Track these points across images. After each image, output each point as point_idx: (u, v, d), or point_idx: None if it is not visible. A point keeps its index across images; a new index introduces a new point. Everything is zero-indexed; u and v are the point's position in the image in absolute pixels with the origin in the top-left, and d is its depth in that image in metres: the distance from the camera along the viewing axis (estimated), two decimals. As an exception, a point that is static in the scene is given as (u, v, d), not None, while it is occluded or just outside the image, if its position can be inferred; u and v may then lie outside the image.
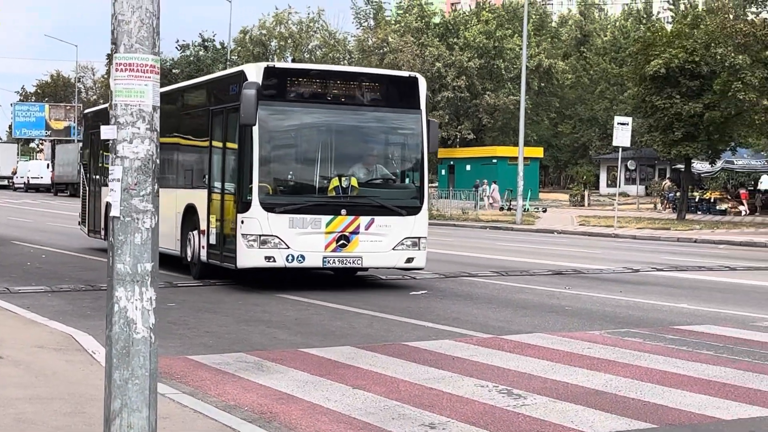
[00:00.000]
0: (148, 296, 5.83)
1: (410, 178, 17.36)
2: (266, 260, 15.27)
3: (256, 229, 15.11)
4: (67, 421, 7.08)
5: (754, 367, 9.99)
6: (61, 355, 9.70)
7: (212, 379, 9.18)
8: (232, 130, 16.10)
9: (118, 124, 5.75)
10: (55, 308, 13.33)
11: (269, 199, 15.48)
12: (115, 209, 5.79)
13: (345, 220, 15.62)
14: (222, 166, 16.70)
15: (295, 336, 11.72)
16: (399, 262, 16.23)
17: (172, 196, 18.20)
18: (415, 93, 16.64)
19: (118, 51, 5.77)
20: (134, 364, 5.80)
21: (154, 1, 5.80)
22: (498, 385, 8.99)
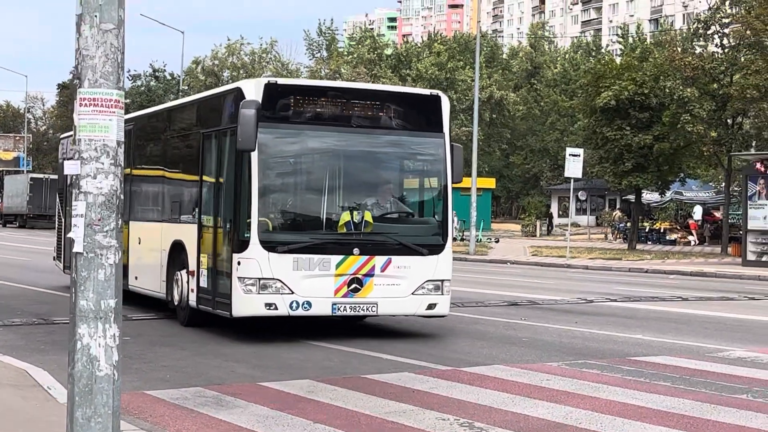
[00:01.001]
0: (112, 333, 5.79)
1: (432, 211, 14.59)
2: (267, 308, 12.94)
3: (254, 271, 12.79)
4: (25, 459, 6.96)
5: (711, 398, 10.04)
6: (16, 390, 9.54)
7: (171, 414, 9.07)
8: (228, 157, 13.78)
9: (82, 159, 5.72)
10: (7, 342, 13.14)
11: (270, 236, 13.07)
12: (78, 245, 5.74)
13: (358, 260, 13.23)
14: (214, 198, 14.35)
15: (252, 369, 11.63)
16: (419, 308, 13.72)
17: (157, 231, 16.76)
18: (437, 113, 14.16)
19: (82, 86, 5.74)
20: (97, 402, 5.74)
21: (118, 36, 5.78)
22: (459, 418, 8.96)
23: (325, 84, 14.65)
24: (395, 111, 13.97)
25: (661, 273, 32.52)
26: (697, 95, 41.61)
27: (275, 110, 13.04)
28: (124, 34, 5.79)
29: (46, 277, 25.15)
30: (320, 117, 13.63)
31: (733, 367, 12.06)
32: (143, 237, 17.39)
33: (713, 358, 12.72)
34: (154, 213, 17.37)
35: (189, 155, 15.91)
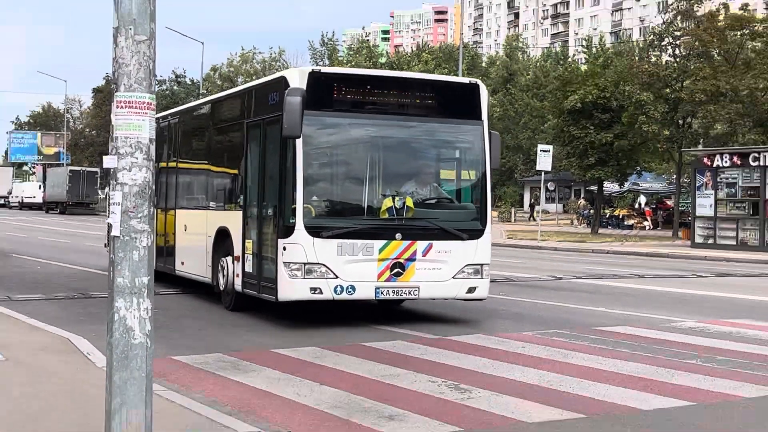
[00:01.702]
0: (145, 306, 5.78)
1: (472, 197, 13.20)
2: (312, 292, 11.67)
3: (300, 256, 11.52)
4: (69, 415, 6.97)
5: (667, 363, 10.06)
6: (60, 356, 9.54)
7: (194, 377, 9.08)
8: (271, 145, 12.45)
9: (119, 155, 5.69)
10: (51, 314, 13.11)
11: (315, 222, 11.73)
12: (115, 229, 5.72)
13: (400, 245, 11.95)
14: (259, 186, 12.86)
15: (266, 338, 11.62)
16: (460, 292, 12.44)
17: (202, 219, 15.34)
18: (476, 101, 12.82)
19: (118, 90, 5.70)
20: (132, 366, 5.73)
21: (150, 47, 5.74)
22: (446, 380, 8.96)
23: (367, 72, 13.09)
24: (435, 99, 12.73)
25: (620, 254, 32.49)
26: (652, 99, 41.92)
27: (319, 98, 11.69)
28: (155, 44, 5.76)
29: (84, 257, 25.13)
30: (362, 105, 12.37)
31: (684, 335, 12.07)
32: (189, 224, 16.25)
33: (667, 328, 12.72)
34: (200, 201, 16.05)
35: (233, 145, 14.55)
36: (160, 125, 18.39)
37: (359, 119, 12.34)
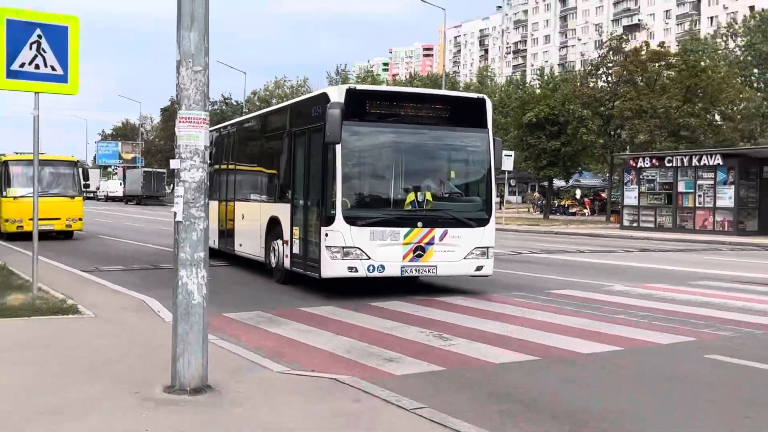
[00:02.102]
0: (202, 275, 5.80)
1: (479, 192, 12.63)
2: (349, 271, 11.23)
3: (339, 241, 11.11)
4: (143, 358, 6.97)
5: (602, 318, 10.04)
6: (137, 314, 9.54)
7: (240, 329, 9.08)
8: (315, 149, 11.93)
9: (181, 158, 5.69)
10: (130, 281, 13.10)
11: (351, 212, 11.23)
12: (179, 216, 5.72)
13: (421, 231, 11.46)
14: (304, 182, 12.38)
15: (294, 300, 11.59)
16: (470, 270, 11.97)
17: (257, 209, 14.82)
18: (482, 113, 12.35)
19: (180, 108, 5.70)
20: (192, 320, 5.75)
21: (205, 75, 5.74)
22: (433, 331, 8.96)
23: (395, 89, 12.48)
24: (449, 111, 12.22)
25: (566, 234, 32.41)
26: (590, 115, 42.00)
27: (354, 111, 11.20)
28: (209, 73, 5.75)
29: (154, 237, 25.10)
30: (390, 116, 11.81)
31: (614, 296, 12.04)
32: (245, 213, 15.76)
33: (602, 291, 12.69)
34: (254, 194, 15.47)
35: (280, 149, 13.87)
36: (222, 134, 18.16)
37: (387, 127, 11.82)
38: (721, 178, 29.91)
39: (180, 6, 5.70)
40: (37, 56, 9.75)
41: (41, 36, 9.75)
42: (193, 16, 5.68)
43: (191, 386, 5.73)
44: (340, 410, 5.40)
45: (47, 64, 9.80)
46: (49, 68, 9.82)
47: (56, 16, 9.93)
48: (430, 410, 5.46)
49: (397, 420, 5.22)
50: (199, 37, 5.69)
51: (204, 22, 5.72)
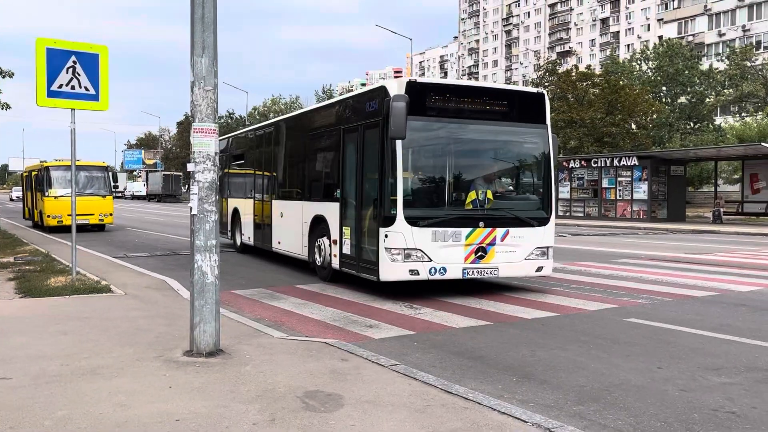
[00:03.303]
0: (214, 259, 5.74)
1: (539, 190, 10.33)
2: (410, 273, 9.07)
3: (400, 242, 9.02)
4: (166, 328, 6.92)
5: (542, 289, 10.13)
6: (159, 292, 9.47)
7: (246, 303, 9.04)
8: (369, 146, 9.70)
9: (195, 162, 5.64)
10: (153, 265, 12.99)
11: (412, 212, 9.09)
12: (194, 210, 5.68)
13: (483, 232, 9.41)
14: (356, 181, 10.03)
15: (291, 278, 11.56)
16: (530, 271, 9.85)
17: (298, 208, 12.37)
18: (542, 108, 10.21)
19: (194, 121, 5.65)
20: (207, 297, 5.71)
21: (214, 93, 5.69)
22: (405, 302, 8.99)
23: (456, 83, 10.37)
24: (509, 106, 10.00)
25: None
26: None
27: (414, 105, 9.03)
28: (218, 92, 5.71)
29: (173, 229, 24.87)
30: (450, 111, 9.55)
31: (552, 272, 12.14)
32: (285, 212, 13.22)
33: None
34: (295, 194, 12.90)
35: (328, 146, 11.35)
36: (259, 134, 15.52)
37: (447, 122, 9.57)
38: (636, 176, 30.32)
39: (193, 36, 5.65)
40: (73, 79, 9.67)
41: (76, 62, 9.67)
42: (204, 45, 5.64)
43: (206, 350, 5.71)
44: (330, 367, 5.41)
45: (81, 85, 9.72)
46: (83, 89, 9.73)
47: (89, 46, 9.81)
48: (404, 366, 5.49)
49: (376, 374, 5.24)
50: (209, 62, 5.65)
51: (213, 49, 5.67)
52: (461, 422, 4.18)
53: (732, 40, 62.47)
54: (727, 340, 6.82)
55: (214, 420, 4.20)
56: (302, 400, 4.57)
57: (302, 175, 12.69)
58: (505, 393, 5.08)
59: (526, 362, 5.99)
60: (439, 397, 4.66)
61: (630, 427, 4.39)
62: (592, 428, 4.34)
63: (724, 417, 4.60)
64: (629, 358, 6.09)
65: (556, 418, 4.45)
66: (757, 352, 6.34)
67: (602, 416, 4.59)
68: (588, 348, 6.49)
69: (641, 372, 5.66)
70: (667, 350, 6.42)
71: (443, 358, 6.14)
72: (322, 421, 4.18)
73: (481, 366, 5.87)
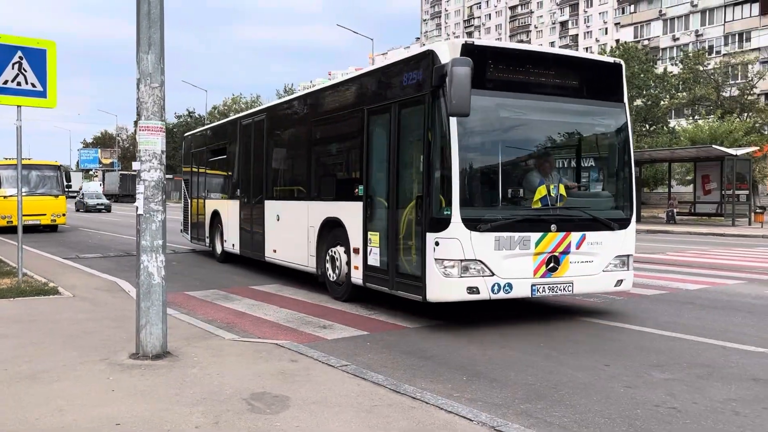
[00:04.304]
0: (161, 259, 5.65)
1: (618, 183, 8.24)
2: (468, 292, 7.05)
3: (455, 252, 6.97)
4: (113, 331, 6.78)
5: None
6: (110, 293, 9.28)
7: (199, 305, 8.92)
8: (409, 129, 7.59)
9: (141, 161, 5.54)
10: (106, 266, 12.74)
11: (472, 213, 7.05)
12: (140, 210, 5.58)
13: (555, 237, 7.44)
14: (389, 174, 7.82)
15: (246, 279, 11.46)
16: (608, 285, 7.88)
17: (301, 210, 10.16)
18: (619, 83, 8.14)
19: (140, 118, 5.55)
20: (153, 298, 5.60)
21: (161, 90, 5.59)
22: (360, 304, 8.95)
23: (522, 47, 7.94)
24: (584, 78, 7.88)
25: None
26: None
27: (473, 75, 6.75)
28: (165, 89, 5.61)
29: (128, 230, 24.42)
30: (516, 83, 7.41)
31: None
32: (283, 214, 10.95)
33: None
34: (296, 192, 10.65)
35: (345, 133, 9.20)
36: (243, 124, 13.03)
37: (513, 99, 7.43)
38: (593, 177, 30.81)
39: (139, 32, 5.54)
40: (19, 75, 9.42)
41: (22, 57, 9.42)
42: (150, 41, 5.53)
43: (153, 353, 5.60)
44: (279, 368, 5.36)
45: (28, 81, 9.47)
46: (30, 85, 9.49)
47: (35, 41, 9.56)
48: (354, 366, 5.47)
49: (326, 375, 5.21)
50: (156, 58, 5.54)
51: (160, 46, 5.57)
52: (407, 422, 4.18)
53: (686, 45, 64.14)
54: (672, 337, 6.97)
55: (156, 423, 4.11)
56: (248, 402, 4.51)
57: (307, 170, 10.28)
58: (454, 392, 5.10)
59: (477, 361, 6.02)
60: (387, 397, 4.66)
61: (575, 424, 4.45)
62: (538, 426, 4.39)
63: (666, 412, 4.70)
64: (578, 356, 6.18)
65: (503, 417, 4.49)
66: (700, 349, 6.49)
67: (548, 414, 4.64)
68: (538, 346, 6.56)
69: (588, 369, 5.74)
70: (615, 348, 6.53)
71: (395, 358, 6.13)
72: (267, 423, 4.14)
73: (432, 365, 5.88)
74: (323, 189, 9.79)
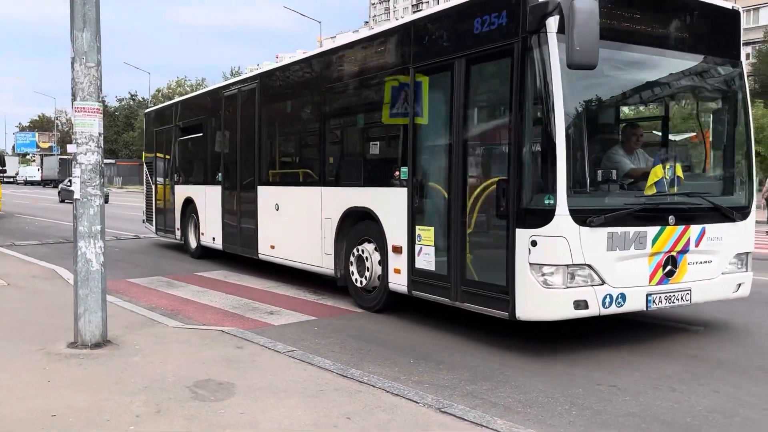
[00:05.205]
0: (99, 245, 5.50)
1: (736, 162, 6.46)
2: (575, 307, 5.34)
3: (561, 254, 5.25)
4: (51, 319, 6.57)
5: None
6: (48, 281, 8.98)
7: (141, 292, 8.72)
8: (481, 92, 6.06)
9: (77, 143, 5.35)
10: (44, 254, 12.31)
11: (581, 203, 5.36)
12: (77, 194, 5.41)
13: (674, 232, 5.79)
14: (454, 152, 6.03)
15: (193, 266, 11.25)
16: (727, 291, 6.25)
17: (313, 198, 8.30)
18: (736, 36, 6.37)
19: (76, 99, 5.36)
20: (92, 285, 5.46)
21: (98, 71, 5.41)
22: (309, 289, 8.92)
23: None
24: (700, 29, 6.12)
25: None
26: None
27: None
28: (101, 69, 5.41)
29: (68, 215, 23.62)
30: (629, 32, 5.64)
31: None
32: (284, 203, 9.04)
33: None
34: (303, 177, 8.74)
35: (379, 102, 7.22)
36: (226, 95, 10.82)
37: (623, 51, 5.67)
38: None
39: (73, 9, 5.33)
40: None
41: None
42: (85, 19, 5.32)
43: (92, 342, 5.45)
44: (224, 355, 5.29)
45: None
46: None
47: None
48: (301, 352, 5.44)
49: (272, 361, 5.16)
50: (91, 36, 5.34)
51: (96, 23, 5.37)
52: (353, 405, 4.18)
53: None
54: (617, 317, 7.17)
55: (94, 414, 4.01)
56: (192, 390, 4.44)
57: (319, 150, 8.41)
58: (401, 375, 5.13)
59: (424, 344, 6.07)
60: (334, 382, 4.65)
61: (518, 404, 4.54)
62: (483, 407, 4.45)
63: (606, 390, 4.83)
64: (526, 337, 6.28)
65: (449, 398, 4.53)
66: (635, 326, 6.69)
67: (494, 395, 4.72)
68: (485, 328, 6.64)
69: (534, 349, 5.85)
70: (562, 327, 6.67)
71: (343, 342, 6.13)
72: (210, 410, 4.08)
73: (380, 349, 5.90)
74: (344, 172, 7.91)
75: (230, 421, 3.91)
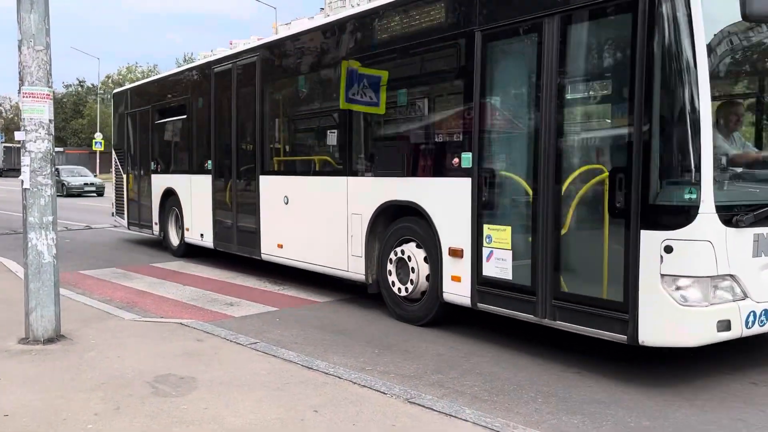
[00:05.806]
0: (51, 236, 5.30)
1: None
2: (719, 329, 4.13)
3: (705, 263, 4.06)
4: (2, 314, 6.31)
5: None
6: (-5, 274, 8.65)
7: (95, 284, 8.47)
8: (583, 59, 4.64)
9: (26, 131, 5.14)
10: (-11, 246, 11.89)
11: (726, 198, 4.13)
12: (26, 183, 5.20)
13: None
14: (544, 133, 4.76)
15: (148, 257, 10.97)
16: None
17: (336, 190, 7.07)
18: None
19: (24, 85, 5.14)
20: (44, 278, 5.26)
21: (47, 54, 5.18)
22: (269, 279, 8.81)
23: None
24: None
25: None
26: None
27: None
28: (51, 52, 5.18)
29: (14, 206, 22.88)
30: None
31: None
32: (296, 196, 7.81)
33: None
34: (321, 165, 7.50)
35: (428, 74, 6.08)
36: (218, 71, 9.51)
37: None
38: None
39: (19, -12, 5.08)
40: None
41: None
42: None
43: (45, 337, 5.26)
44: (184, 349, 5.16)
45: None
46: None
47: None
48: (264, 344, 5.35)
49: (234, 354, 5.06)
50: (39, 18, 5.10)
51: (44, 4, 5.13)
52: (320, 398, 4.12)
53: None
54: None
55: (50, 413, 3.85)
56: (152, 385, 4.31)
57: (343, 133, 7.02)
58: (367, 365, 5.09)
59: (389, 334, 6.04)
60: (299, 374, 4.58)
61: (485, 393, 4.54)
62: (450, 396, 4.44)
63: (572, 376, 4.88)
64: (492, 327, 6.31)
65: (416, 388, 4.51)
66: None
67: (460, 383, 4.72)
68: (449, 316, 6.64)
69: (500, 338, 5.88)
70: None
71: (306, 333, 6.05)
72: (172, 406, 3.97)
73: (345, 339, 5.85)
74: (379, 159, 6.62)
75: (194, 416, 3.81)
